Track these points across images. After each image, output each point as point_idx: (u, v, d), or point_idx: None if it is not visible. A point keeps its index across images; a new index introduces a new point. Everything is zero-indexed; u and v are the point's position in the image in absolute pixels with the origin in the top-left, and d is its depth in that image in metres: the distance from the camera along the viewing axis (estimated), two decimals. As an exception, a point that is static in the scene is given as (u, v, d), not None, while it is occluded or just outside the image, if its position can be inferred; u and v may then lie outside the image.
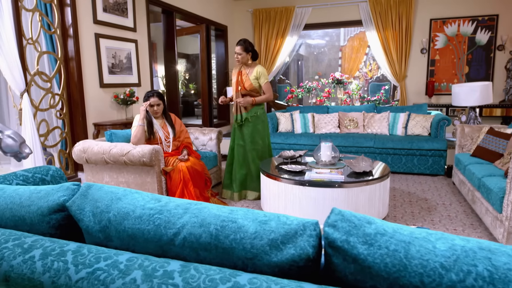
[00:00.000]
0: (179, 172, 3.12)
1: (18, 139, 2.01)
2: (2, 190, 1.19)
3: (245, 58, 3.40)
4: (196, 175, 3.22)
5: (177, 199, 1.01)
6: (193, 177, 3.17)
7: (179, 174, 3.11)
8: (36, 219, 1.06)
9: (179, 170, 3.13)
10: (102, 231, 0.97)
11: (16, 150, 2.02)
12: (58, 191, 1.09)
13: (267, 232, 0.83)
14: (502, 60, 6.19)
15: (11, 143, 2.02)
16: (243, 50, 3.38)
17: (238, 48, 3.39)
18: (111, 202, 1.00)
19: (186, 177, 3.12)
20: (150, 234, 0.91)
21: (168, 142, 3.32)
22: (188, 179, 3.12)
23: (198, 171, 3.25)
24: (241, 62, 3.43)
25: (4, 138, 2.01)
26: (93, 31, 4.18)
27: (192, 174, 3.17)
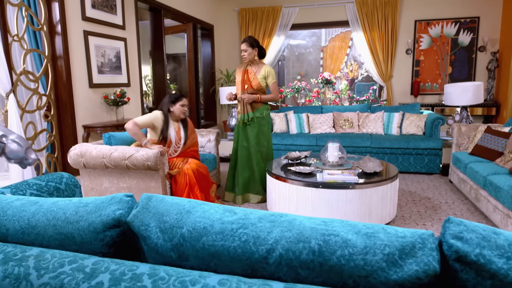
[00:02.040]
0: (185, 176, 2.99)
1: (23, 144, 1.84)
2: (37, 203, 1.04)
3: (252, 54, 3.32)
4: (202, 178, 3.09)
5: (253, 211, 0.91)
6: (199, 181, 3.04)
7: (185, 178, 2.98)
8: (87, 237, 0.93)
9: (184, 174, 3.01)
10: (175, 249, 0.85)
11: (21, 156, 1.84)
12: (110, 204, 0.97)
13: (379, 246, 0.75)
14: (484, 60, 6.40)
15: (16, 149, 1.84)
16: (249, 45, 3.29)
17: (243, 45, 3.30)
18: (181, 215, 0.89)
19: (192, 181, 2.99)
20: (237, 252, 0.80)
21: (178, 147, 3.18)
22: (194, 183, 2.99)
23: (203, 174, 3.13)
24: (249, 60, 3.33)
25: (8, 143, 1.83)
26: (81, 28, 3.95)
27: (198, 178, 3.04)
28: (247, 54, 3.30)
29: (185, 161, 3.13)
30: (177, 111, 3.15)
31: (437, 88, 6.74)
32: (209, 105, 7.40)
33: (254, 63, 3.44)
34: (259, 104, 3.42)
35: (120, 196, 0.99)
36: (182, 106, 3.15)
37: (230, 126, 5.57)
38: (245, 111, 3.35)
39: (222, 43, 7.53)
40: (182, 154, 3.22)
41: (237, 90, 3.51)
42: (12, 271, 0.84)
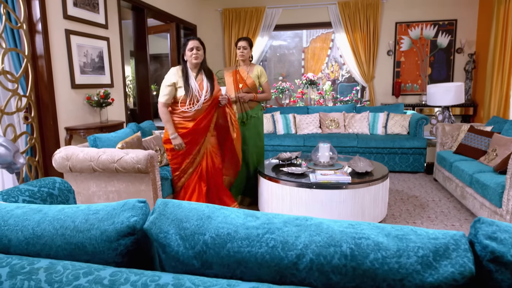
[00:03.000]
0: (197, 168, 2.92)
1: (11, 147, 1.75)
2: (41, 211, 0.98)
3: (249, 54, 3.32)
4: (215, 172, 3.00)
5: (275, 214, 0.89)
6: (211, 176, 2.96)
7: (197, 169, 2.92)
8: (100, 246, 0.88)
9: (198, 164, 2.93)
10: (197, 257, 0.81)
11: (9, 160, 1.75)
12: (123, 210, 0.92)
13: (412, 248, 0.73)
14: (461, 62, 6.60)
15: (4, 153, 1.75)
16: (248, 44, 3.30)
17: (244, 42, 3.29)
18: (201, 221, 0.85)
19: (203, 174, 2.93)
20: (265, 258, 0.78)
21: (205, 101, 2.82)
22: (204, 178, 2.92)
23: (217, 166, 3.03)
24: (245, 58, 3.32)
25: None
26: (63, 27, 3.81)
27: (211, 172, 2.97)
28: (246, 52, 3.30)
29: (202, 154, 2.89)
30: (188, 58, 2.79)
31: (417, 88, 6.90)
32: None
33: (245, 63, 3.43)
34: (254, 103, 3.41)
35: (133, 202, 0.94)
36: (190, 51, 2.78)
37: (216, 127, 5.50)
38: (243, 109, 3.33)
39: (205, 43, 7.41)
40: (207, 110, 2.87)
41: (228, 91, 3.46)
42: (22, 286, 0.78)
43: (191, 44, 2.78)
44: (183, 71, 2.79)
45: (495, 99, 5.33)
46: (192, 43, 2.78)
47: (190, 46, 2.77)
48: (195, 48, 2.77)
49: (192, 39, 2.82)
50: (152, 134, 3.65)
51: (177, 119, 2.86)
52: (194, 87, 2.76)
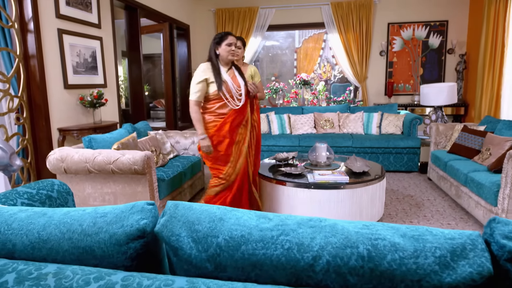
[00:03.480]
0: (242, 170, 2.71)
1: (7, 149, 1.71)
2: (45, 215, 0.95)
3: (242, 53, 3.29)
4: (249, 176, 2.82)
5: (288, 216, 0.88)
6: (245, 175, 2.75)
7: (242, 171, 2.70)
8: (109, 250, 0.86)
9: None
10: (211, 260, 0.80)
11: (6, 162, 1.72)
12: (132, 213, 0.90)
13: (429, 248, 0.73)
14: (452, 62, 6.68)
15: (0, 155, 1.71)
16: (242, 44, 3.27)
17: (239, 42, 3.26)
18: (214, 224, 0.84)
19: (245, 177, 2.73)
20: (281, 260, 0.77)
21: (240, 96, 2.64)
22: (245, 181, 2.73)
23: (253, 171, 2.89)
24: (240, 57, 3.30)
25: None
26: (55, 26, 3.75)
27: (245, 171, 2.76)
28: (240, 51, 3.27)
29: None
30: (225, 53, 2.59)
31: (410, 88, 6.97)
32: (186, 106, 7.25)
33: (239, 63, 3.41)
34: None
35: (142, 205, 0.92)
36: (229, 46, 2.58)
37: (211, 127, 5.48)
38: None
39: (198, 43, 7.42)
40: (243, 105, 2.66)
41: None
42: (30, 292, 0.75)
43: (231, 39, 2.59)
44: (214, 66, 2.60)
45: (486, 99, 5.41)
46: (232, 39, 2.60)
47: (230, 41, 2.58)
48: (234, 45, 2.61)
49: (231, 34, 2.64)
50: (147, 135, 3.62)
51: (210, 118, 2.64)
52: (229, 82, 2.59)
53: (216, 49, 2.61)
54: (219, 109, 2.60)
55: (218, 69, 2.59)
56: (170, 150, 3.66)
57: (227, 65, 2.66)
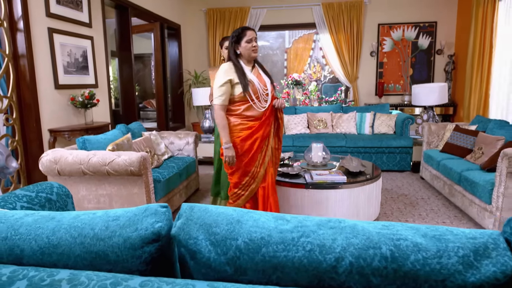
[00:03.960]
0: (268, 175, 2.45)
1: (3, 151, 1.67)
2: (54, 219, 0.92)
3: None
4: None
5: (305, 217, 0.87)
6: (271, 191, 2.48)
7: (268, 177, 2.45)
8: (123, 254, 0.84)
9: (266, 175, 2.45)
10: (230, 263, 0.79)
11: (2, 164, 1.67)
12: (146, 216, 0.87)
13: (452, 248, 0.73)
14: (441, 63, 6.79)
15: (-5, 157, 1.66)
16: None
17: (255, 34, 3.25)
18: (232, 226, 0.82)
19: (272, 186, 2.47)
20: (303, 262, 0.76)
21: (266, 96, 2.40)
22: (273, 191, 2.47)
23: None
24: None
25: None
26: (46, 25, 3.67)
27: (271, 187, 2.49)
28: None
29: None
30: (246, 51, 2.37)
31: (399, 89, 7.05)
32: (177, 106, 7.21)
33: None
34: None
35: (155, 207, 0.90)
36: (249, 42, 2.36)
37: (204, 128, 5.45)
38: None
39: (189, 43, 7.37)
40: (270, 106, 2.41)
41: None
42: (44, 299, 0.73)
43: (250, 34, 2.35)
44: (236, 66, 2.39)
45: (474, 99, 5.50)
46: (251, 34, 2.36)
47: (249, 37, 2.35)
48: (254, 40, 2.37)
49: (249, 28, 2.38)
50: (141, 136, 3.57)
51: (237, 120, 2.40)
52: (255, 81, 2.36)
53: (236, 49, 2.39)
54: (245, 111, 2.38)
55: (241, 69, 2.37)
56: (165, 151, 3.62)
57: (250, 64, 2.44)
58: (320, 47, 11.40)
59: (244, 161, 2.37)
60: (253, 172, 2.38)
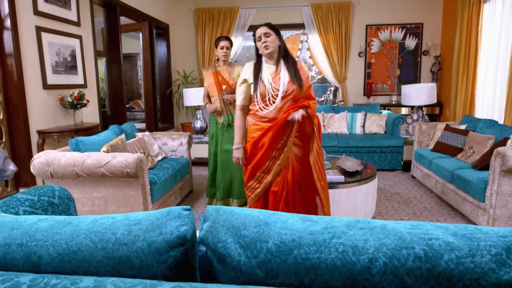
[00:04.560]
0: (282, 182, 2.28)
1: (1, 154, 1.61)
2: (70, 223, 0.89)
3: (230, 53, 3.30)
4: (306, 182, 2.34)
5: (333, 218, 0.86)
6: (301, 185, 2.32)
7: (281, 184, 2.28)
8: (148, 259, 0.81)
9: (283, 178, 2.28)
10: (261, 266, 0.77)
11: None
12: (170, 219, 0.85)
13: (484, 247, 0.74)
14: (427, 64, 6.92)
15: (-8, 160, 1.61)
16: (230, 44, 3.27)
17: (227, 42, 3.27)
18: (260, 228, 0.81)
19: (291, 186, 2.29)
20: (336, 264, 0.75)
21: (275, 97, 2.22)
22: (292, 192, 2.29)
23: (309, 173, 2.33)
24: (228, 58, 3.31)
25: None
26: (33, 24, 3.56)
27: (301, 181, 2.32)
28: (228, 52, 3.29)
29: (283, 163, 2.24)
30: (260, 49, 2.28)
31: (387, 89, 7.15)
32: (166, 107, 7.13)
33: (226, 63, 3.39)
34: None
35: (178, 210, 0.87)
36: (259, 40, 2.26)
37: (196, 128, 5.39)
38: (228, 112, 3.26)
39: (178, 43, 7.30)
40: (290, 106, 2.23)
41: (210, 92, 3.39)
42: (71, 308, 0.70)
43: (258, 32, 2.26)
44: (256, 65, 2.33)
45: (460, 99, 5.62)
46: (258, 31, 2.26)
47: (258, 35, 2.27)
48: (263, 36, 2.24)
49: (259, 26, 2.29)
50: (134, 137, 3.50)
51: (252, 120, 2.35)
52: (267, 82, 2.24)
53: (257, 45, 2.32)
54: (258, 111, 2.31)
55: (259, 68, 2.30)
56: (158, 152, 3.56)
57: (272, 61, 2.31)
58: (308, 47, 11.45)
59: (251, 164, 2.31)
60: (258, 176, 2.29)
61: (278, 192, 2.27)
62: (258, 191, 2.32)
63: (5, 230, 0.89)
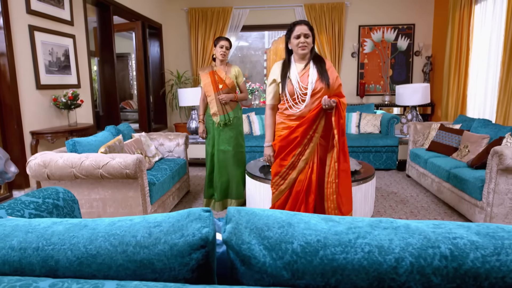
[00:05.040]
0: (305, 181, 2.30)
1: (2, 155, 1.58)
2: (87, 226, 0.87)
3: (228, 54, 3.30)
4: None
5: (355, 218, 0.86)
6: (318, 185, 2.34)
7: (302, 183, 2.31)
8: (170, 262, 0.80)
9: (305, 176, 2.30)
10: (287, 267, 0.76)
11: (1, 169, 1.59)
12: (191, 221, 0.84)
13: (508, 245, 0.74)
14: (419, 64, 7.00)
15: (-6, 162, 1.58)
16: (229, 44, 3.26)
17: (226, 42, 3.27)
18: (284, 229, 0.80)
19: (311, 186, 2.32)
20: (363, 264, 0.75)
21: (304, 96, 2.22)
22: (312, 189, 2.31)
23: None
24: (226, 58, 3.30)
25: None
26: (26, 23, 3.50)
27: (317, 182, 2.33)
28: (227, 52, 3.27)
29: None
30: (294, 46, 2.25)
31: (380, 89, 7.21)
32: (159, 107, 7.07)
33: (223, 63, 3.37)
34: (234, 103, 3.35)
35: (198, 212, 0.86)
36: (297, 38, 2.21)
37: (191, 129, 5.36)
38: (224, 111, 3.24)
39: (171, 43, 7.24)
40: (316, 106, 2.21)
41: (206, 92, 3.34)
42: (96, 313, 0.68)
43: (298, 30, 2.19)
44: (284, 64, 2.32)
45: (452, 99, 5.70)
46: (299, 29, 2.19)
47: (297, 32, 2.20)
48: (303, 35, 2.20)
49: (299, 23, 2.23)
50: (131, 137, 3.46)
51: (280, 119, 2.37)
52: (295, 81, 2.23)
53: (289, 44, 2.29)
54: (286, 110, 2.31)
55: (287, 67, 2.29)
56: (155, 153, 3.53)
57: (303, 60, 2.28)
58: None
59: (277, 160, 2.34)
60: (283, 172, 2.31)
61: (301, 191, 2.30)
62: (282, 187, 2.35)
63: (19, 234, 0.86)
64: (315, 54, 2.30)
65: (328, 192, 2.28)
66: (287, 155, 2.32)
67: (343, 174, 2.30)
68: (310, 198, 2.30)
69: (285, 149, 2.32)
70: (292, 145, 2.29)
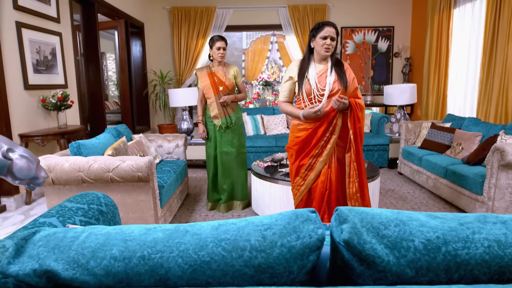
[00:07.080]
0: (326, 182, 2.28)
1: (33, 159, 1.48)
2: (189, 232, 0.83)
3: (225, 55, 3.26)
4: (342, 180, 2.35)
5: (455, 214, 0.88)
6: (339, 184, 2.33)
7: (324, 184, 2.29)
8: (289, 265, 0.77)
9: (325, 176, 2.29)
10: (411, 265, 0.76)
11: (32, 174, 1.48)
12: (302, 222, 0.82)
13: None
14: (399, 65, 7.26)
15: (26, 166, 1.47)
16: (226, 44, 3.21)
17: (223, 43, 3.19)
18: (400, 227, 0.80)
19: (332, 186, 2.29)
20: (485, 259, 0.76)
21: (321, 96, 2.20)
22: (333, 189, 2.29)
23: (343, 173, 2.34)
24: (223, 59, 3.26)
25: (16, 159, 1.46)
26: (13, 19, 3.30)
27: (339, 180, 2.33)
28: (225, 53, 3.23)
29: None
30: (318, 47, 2.21)
31: (362, 89, 7.40)
32: (142, 108, 6.88)
33: (221, 64, 3.32)
34: (234, 104, 3.31)
35: (306, 213, 0.84)
36: (324, 39, 2.17)
37: (182, 130, 5.25)
38: (226, 114, 3.19)
39: (153, 42, 7.07)
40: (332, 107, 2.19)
41: (206, 94, 3.25)
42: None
43: (327, 31, 2.16)
44: (303, 63, 2.29)
45: (432, 99, 5.95)
46: (328, 31, 2.16)
47: (325, 34, 2.16)
48: (330, 38, 2.17)
49: (328, 24, 2.19)
50: (131, 139, 3.34)
51: (296, 121, 2.37)
52: (312, 81, 2.21)
53: (312, 42, 2.26)
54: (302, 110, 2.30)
55: (306, 66, 2.26)
56: (156, 155, 3.43)
57: (323, 61, 2.27)
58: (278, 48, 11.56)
59: (296, 161, 2.35)
60: (302, 173, 2.34)
61: (324, 192, 2.29)
62: (302, 188, 2.35)
63: (117, 243, 0.81)
64: (336, 58, 2.30)
65: (351, 192, 2.30)
66: (305, 157, 2.34)
67: (362, 176, 2.35)
68: (331, 198, 2.32)
69: (303, 151, 2.34)
70: (309, 146, 2.31)
